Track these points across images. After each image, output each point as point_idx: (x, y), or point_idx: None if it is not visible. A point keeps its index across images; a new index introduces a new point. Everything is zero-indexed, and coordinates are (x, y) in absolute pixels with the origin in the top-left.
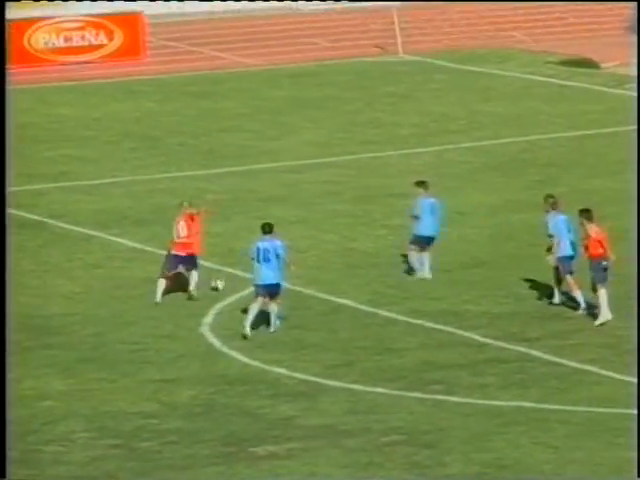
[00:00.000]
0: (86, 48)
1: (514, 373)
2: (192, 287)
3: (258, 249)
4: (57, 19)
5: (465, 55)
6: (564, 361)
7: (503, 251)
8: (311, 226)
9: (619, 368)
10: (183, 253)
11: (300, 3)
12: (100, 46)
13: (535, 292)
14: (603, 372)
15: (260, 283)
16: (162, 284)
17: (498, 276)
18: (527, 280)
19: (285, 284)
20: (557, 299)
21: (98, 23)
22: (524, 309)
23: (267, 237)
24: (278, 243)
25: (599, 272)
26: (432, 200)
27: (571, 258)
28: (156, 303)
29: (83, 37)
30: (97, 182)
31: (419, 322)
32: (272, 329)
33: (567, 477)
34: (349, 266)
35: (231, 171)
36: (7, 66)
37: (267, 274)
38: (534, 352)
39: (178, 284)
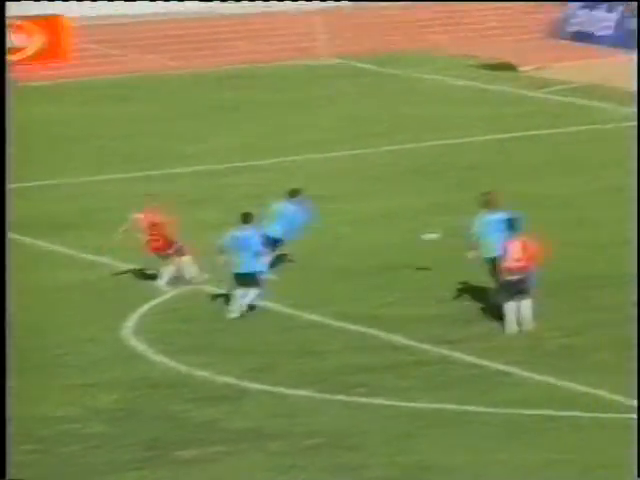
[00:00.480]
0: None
1: (436, 375)
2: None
3: (234, 238)
4: None
5: (386, 58)
6: (486, 363)
7: (425, 254)
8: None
9: (540, 370)
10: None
11: (222, 5)
12: (21, 49)
13: (457, 294)
14: (524, 374)
15: (235, 272)
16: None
17: (421, 279)
18: (449, 282)
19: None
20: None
21: (19, 25)
22: (447, 311)
23: (246, 227)
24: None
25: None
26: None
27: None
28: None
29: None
30: (16, 186)
31: (342, 325)
32: (235, 314)
33: (488, 478)
34: (272, 270)
35: (153, 174)
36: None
37: (241, 263)
38: (456, 354)
39: (95, 291)
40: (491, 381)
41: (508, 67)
